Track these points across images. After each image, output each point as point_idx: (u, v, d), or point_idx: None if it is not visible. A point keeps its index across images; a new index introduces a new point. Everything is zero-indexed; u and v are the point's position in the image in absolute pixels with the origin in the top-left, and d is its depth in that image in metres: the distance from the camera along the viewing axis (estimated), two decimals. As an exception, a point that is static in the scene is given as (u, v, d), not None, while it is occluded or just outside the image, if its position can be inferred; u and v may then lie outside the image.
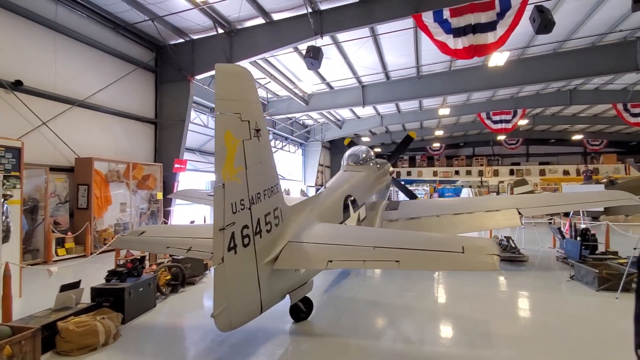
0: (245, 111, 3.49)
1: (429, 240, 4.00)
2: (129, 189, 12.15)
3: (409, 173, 35.43)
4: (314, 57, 11.22)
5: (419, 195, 25.73)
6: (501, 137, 31.47)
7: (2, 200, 5.59)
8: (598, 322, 5.21)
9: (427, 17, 10.39)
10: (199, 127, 17.42)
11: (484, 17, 9.96)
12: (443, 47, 10.52)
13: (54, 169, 10.12)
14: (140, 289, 5.29)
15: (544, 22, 9.33)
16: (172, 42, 13.62)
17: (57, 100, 10.47)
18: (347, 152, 8.60)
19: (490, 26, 9.98)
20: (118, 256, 6.13)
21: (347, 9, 11.18)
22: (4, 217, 5.68)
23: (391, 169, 11.34)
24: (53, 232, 9.44)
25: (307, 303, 5.13)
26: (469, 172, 34.30)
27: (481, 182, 30.80)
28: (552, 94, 21.20)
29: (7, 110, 9.21)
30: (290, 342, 4.68)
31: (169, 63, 13.70)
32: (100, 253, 7.39)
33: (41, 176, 9.59)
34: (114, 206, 11.81)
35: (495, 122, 22.53)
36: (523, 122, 25.32)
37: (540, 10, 9.37)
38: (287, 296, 4.43)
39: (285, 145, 26.32)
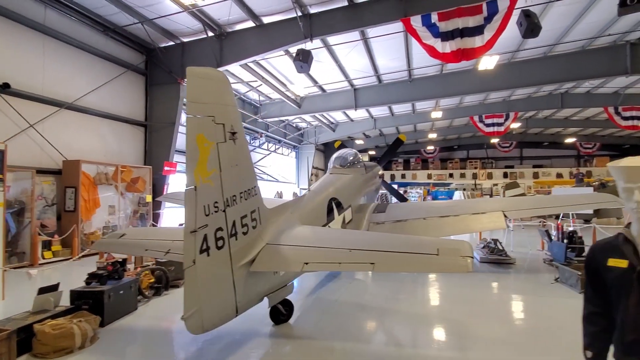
0: (219, 114, 3.50)
1: (405, 242, 4.02)
2: (117, 191, 12.10)
3: (403, 176, 35.54)
4: (303, 60, 11.26)
5: (411, 198, 25.83)
6: (495, 140, 31.66)
7: (-17, 203, 5.55)
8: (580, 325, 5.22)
9: (416, 21, 10.46)
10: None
11: (471, 21, 10.05)
12: (431, 50, 10.59)
13: (40, 172, 10.06)
14: (121, 292, 5.26)
15: (530, 26, 9.42)
16: (163, 45, 13.62)
17: (46, 102, 10.44)
18: (334, 155, 8.63)
19: (478, 30, 10.06)
20: (101, 259, 6.09)
21: (336, 13, 11.24)
22: (-16, 220, 5.65)
23: (380, 171, 11.39)
24: (39, 234, 9.38)
25: (287, 305, 5.12)
26: (463, 175, 34.49)
27: (475, 184, 30.94)
28: (544, 98, 21.38)
29: (-7, 112, 9.19)
30: (271, 345, 4.66)
31: (159, 66, 13.69)
32: (84, 256, 7.35)
33: (28, 179, 9.54)
34: (103, 209, 11.75)
35: (488, 125, 22.68)
36: (515, 125, 25.47)
37: (526, 15, 9.46)
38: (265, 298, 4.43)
39: (278, 148, 26.33)
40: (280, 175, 26.79)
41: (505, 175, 32.46)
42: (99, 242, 5.09)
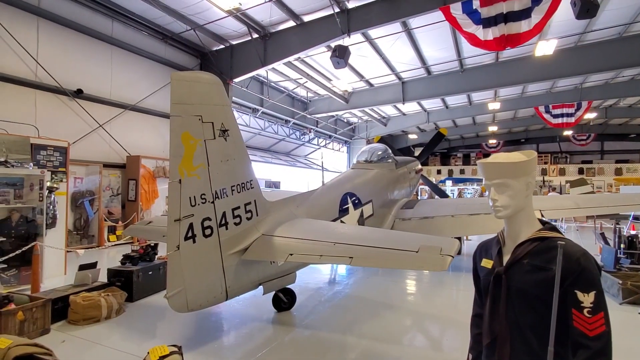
0: (207, 113, 3.84)
1: (387, 238, 4.04)
2: (173, 184, 13.31)
3: (462, 171, 33.67)
4: (339, 56, 11.34)
5: (467, 195, 24.50)
6: (568, 133, 28.58)
7: (48, 192, 6.61)
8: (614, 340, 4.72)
9: (455, 9, 9.95)
10: (241, 126, 18.45)
11: (517, 5, 9.30)
12: (472, 39, 10.02)
13: (107, 166, 11.53)
14: (150, 273, 5.95)
15: (585, 5, 8.42)
16: (214, 49, 14.59)
17: (113, 105, 11.89)
18: (360, 151, 8.64)
19: (524, 14, 9.28)
20: (138, 242, 6.91)
21: (373, 6, 11.10)
22: (50, 207, 6.72)
23: (418, 166, 11.09)
24: (105, 220, 10.78)
25: (289, 294, 5.37)
26: (530, 171, 31.62)
27: (543, 181, 28.26)
28: (625, 84, 18.78)
29: (70, 115, 10.71)
30: (273, 331, 4.96)
31: (211, 68, 14.66)
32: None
33: (97, 173, 10.99)
34: (161, 199, 13.05)
35: (556, 116, 20.61)
36: (591, 116, 22.76)
37: (581, -7, 8.49)
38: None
39: (329, 143, 26.61)
40: (333, 168, 27.02)
41: (580, 171, 29.12)
42: (130, 228, 5.82)
